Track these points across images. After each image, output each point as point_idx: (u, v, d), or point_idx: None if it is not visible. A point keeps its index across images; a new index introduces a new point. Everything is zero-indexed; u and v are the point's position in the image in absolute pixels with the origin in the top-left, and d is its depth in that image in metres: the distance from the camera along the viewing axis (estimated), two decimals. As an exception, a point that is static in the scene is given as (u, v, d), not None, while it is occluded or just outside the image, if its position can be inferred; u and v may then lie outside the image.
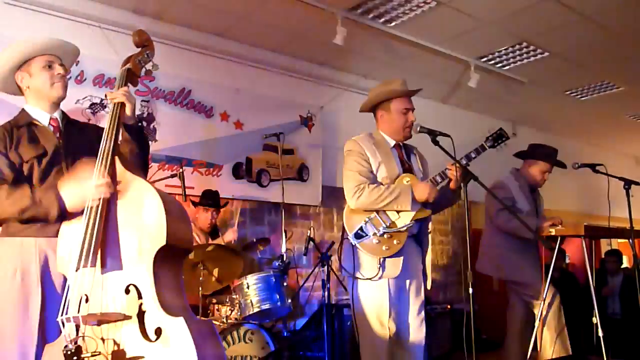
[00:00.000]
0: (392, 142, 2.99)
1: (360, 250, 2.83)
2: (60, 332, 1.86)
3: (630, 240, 3.85)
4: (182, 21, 4.64)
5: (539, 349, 3.82)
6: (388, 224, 2.80)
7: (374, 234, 2.79)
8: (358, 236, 2.82)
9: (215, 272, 3.83)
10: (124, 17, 4.37)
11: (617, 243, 8.44)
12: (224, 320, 3.59)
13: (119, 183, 1.99)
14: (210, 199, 4.28)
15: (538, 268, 3.95)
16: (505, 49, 5.35)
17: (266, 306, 3.59)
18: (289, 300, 3.76)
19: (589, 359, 3.60)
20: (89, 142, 2.16)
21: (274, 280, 3.68)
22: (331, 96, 5.63)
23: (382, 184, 2.87)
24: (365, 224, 2.82)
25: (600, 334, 3.41)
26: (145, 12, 4.47)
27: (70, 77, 4.09)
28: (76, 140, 2.25)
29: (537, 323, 3.66)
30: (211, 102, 4.82)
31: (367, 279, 2.79)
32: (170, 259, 1.94)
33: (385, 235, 2.79)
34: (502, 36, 5.06)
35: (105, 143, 2.04)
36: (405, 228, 2.80)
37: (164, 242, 1.85)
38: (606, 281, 6.36)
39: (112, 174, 2.00)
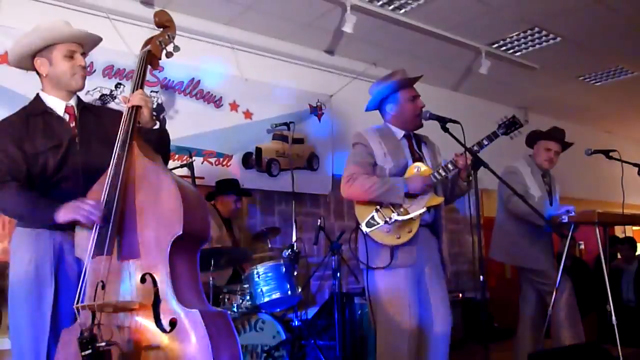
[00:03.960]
0: (402, 133, 2.96)
1: (371, 240, 2.80)
2: (76, 319, 1.87)
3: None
4: (191, 11, 4.62)
5: (551, 337, 3.80)
6: (400, 212, 2.76)
7: (385, 222, 2.75)
8: (369, 225, 2.79)
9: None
10: (133, 7, 4.37)
11: (632, 230, 8.36)
12: (235, 309, 3.60)
13: (137, 170, 1.97)
14: (231, 186, 4.30)
15: (551, 255, 3.92)
16: (516, 35, 5.28)
17: (277, 295, 3.60)
18: (300, 289, 3.77)
19: (603, 347, 3.57)
20: (105, 128, 2.14)
21: (284, 269, 3.68)
22: (341, 84, 5.59)
23: (378, 176, 2.83)
24: (377, 212, 2.78)
25: (614, 321, 3.38)
26: (153, 2, 4.47)
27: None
28: (92, 128, 2.23)
29: (549, 310, 3.64)
30: (220, 92, 4.81)
31: (380, 267, 2.75)
32: (187, 248, 1.93)
33: (396, 224, 2.75)
34: (513, 21, 4.99)
35: (118, 150, 1.98)
36: (417, 216, 2.76)
37: (180, 231, 1.82)
38: (622, 269, 6.30)
39: (130, 161, 1.98)
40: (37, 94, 2.25)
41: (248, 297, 3.64)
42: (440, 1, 4.53)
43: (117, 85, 4.24)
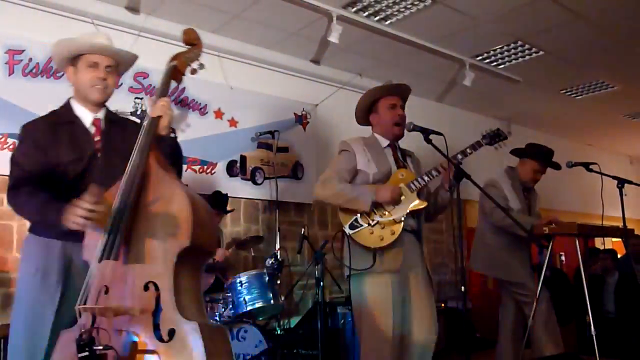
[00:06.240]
0: (386, 142, 2.99)
1: (355, 243, 2.81)
2: (76, 320, 1.87)
3: (623, 239, 3.85)
4: (176, 18, 4.62)
5: (531, 347, 3.83)
6: (384, 215, 2.78)
7: (369, 224, 2.78)
8: (353, 227, 2.81)
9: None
10: (118, 13, 4.36)
11: (612, 242, 8.47)
12: (217, 318, 3.58)
13: (151, 179, 1.98)
14: (220, 204, 4.28)
15: (528, 267, 3.97)
16: (500, 48, 5.36)
17: (259, 304, 3.59)
18: (282, 299, 3.76)
19: (582, 357, 3.60)
20: (129, 144, 2.11)
21: (267, 278, 3.67)
22: (326, 94, 5.62)
23: (358, 182, 2.88)
24: (360, 215, 2.81)
25: (593, 332, 3.42)
26: (139, 9, 4.46)
27: (64, 74, 4.06)
28: (116, 143, 2.24)
29: (529, 321, 3.67)
30: (205, 99, 4.80)
31: (363, 270, 2.73)
32: (192, 260, 1.93)
33: (379, 226, 2.78)
34: (497, 35, 5.06)
35: (136, 157, 1.98)
36: (399, 218, 2.78)
37: (187, 244, 1.83)
38: (604, 280, 6.37)
39: (146, 169, 1.98)
40: (68, 100, 2.28)
41: (230, 306, 3.63)
42: (425, 13, 4.59)
43: (101, 91, 4.20)
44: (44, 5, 4.03)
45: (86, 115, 2.23)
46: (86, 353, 1.68)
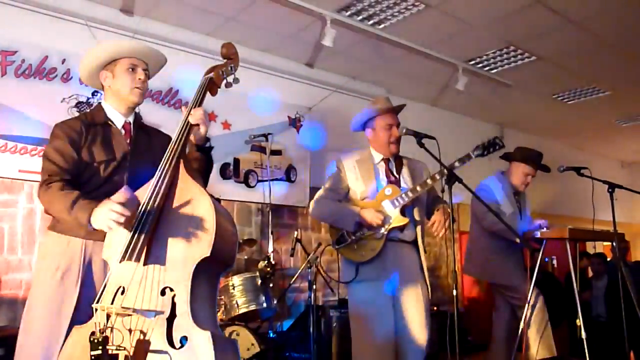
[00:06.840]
0: (380, 157, 3.08)
1: (342, 256, 3.00)
2: (90, 317, 1.87)
3: (614, 243, 3.88)
4: (170, 20, 4.62)
5: (523, 350, 3.84)
6: (364, 231, 2.90)
7: (352, 240, 2.92)
8: (339, 242, 2.97)
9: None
10: (112, 15, 4.35)
11: (603, 246, 8.52)
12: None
13: (179, 186, 2.00)
14: None
15: (522, 270, 3.98)
16: (493, 53, 5.39)
17: (252, 307, 3.59)
18: (275, 302, 3.76)
19: (573, 360, 3.62)
20: (155, 151, 2.16)
21: (260, 281, 3.68)
22: (320, 97, 5.63)
23: (349, 199, 3.01)
24: (346, 231, 2.94)
25: (584, 336, 3.44)
26: (133, 11, 4.45)
27: (57, 76, 4.06)
28: (143, 149, 2.27)
29: (521, 324, 3.69)
30: (199, 102, 4.79)
31: (346, 282, 2.95)
32: (211, 270, 1.95)
33: (362, 242, 2.90)
34: (490, 40, 5.09)
35: (166, 161, 2.01)
36: (381, 235, 2.87)
37: (208, 253, 1.85)
38: (590, 284, 6.41)
39: (174, 176, 2.00)
40: (99, 104, 2.31)
41: (223, 309, 3.62)
42: (418, 18, 4.61)
43: (94, 93, 4.20)
44: (37, 7, 4.01)
45: (118, 119, 2.27)
46: (99, 352, 1.70)
